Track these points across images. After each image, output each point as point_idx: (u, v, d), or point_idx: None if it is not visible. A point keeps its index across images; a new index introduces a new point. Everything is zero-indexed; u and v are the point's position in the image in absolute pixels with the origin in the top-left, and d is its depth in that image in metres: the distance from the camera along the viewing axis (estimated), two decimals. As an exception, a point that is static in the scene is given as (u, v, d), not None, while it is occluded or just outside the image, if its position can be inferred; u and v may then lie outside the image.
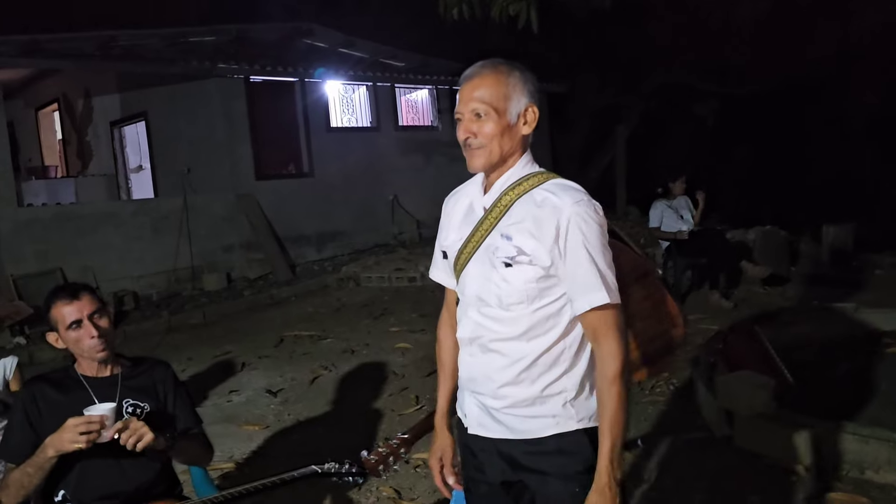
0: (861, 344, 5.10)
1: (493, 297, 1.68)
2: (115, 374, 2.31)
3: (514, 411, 1.70)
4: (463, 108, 1.70)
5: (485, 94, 1.67)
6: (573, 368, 1.70)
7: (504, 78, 1.68)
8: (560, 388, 1.69)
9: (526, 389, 1.68)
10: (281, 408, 5.03)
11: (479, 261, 1.71)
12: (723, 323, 5.78)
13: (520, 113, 1.70)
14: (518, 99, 1.69)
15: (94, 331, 2.19)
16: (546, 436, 1.69)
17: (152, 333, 7.60)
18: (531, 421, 1.69)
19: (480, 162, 1.71)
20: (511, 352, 1.68)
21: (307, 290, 9.18)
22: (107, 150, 12.05)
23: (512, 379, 1.68)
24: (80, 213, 9.06)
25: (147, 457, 2.16)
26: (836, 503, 3.17)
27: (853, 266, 7.88)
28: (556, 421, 1.69)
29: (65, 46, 8.90)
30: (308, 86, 10.92)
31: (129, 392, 2.28)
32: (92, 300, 2.24)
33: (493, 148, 1.68)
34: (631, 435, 4.09)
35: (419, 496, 3.55)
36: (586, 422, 1.71)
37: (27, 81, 12.15)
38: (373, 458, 2.19)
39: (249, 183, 10.23)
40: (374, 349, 6.26)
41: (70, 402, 2.21)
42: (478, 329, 1.72)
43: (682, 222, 7.05)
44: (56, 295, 2.24)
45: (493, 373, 1.71)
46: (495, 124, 1.67)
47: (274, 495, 3.44)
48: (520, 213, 1.66)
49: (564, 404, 1.69)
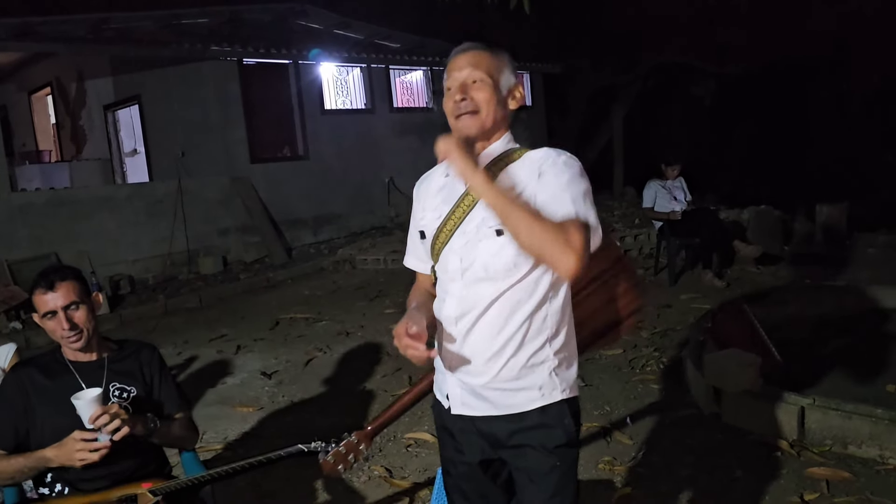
0: (852, 322, 5.13)
1: (480, 267, 1.68)
2: (102, 357, 2.32)
3: (499, 385, 1.70)
4: (456, 76, 1.71)
5: (480, 62, 1.71)
6: (557, 336, 1.72)
7: (493, 54, 1.74)
8: (544, 357, 1.70)
9: (512, 360, 1.69)
10: (275, 390, 5.06)
11: (463, 234, 1.70)
12: (715, 302, 5.82)
13: (510, 88, 1.74)
14: (508, 75, 1.74)
15: (66, 324, 2.20)
16: (530, 409, 1.71)
17: (148, 317, 7.64)
18: (517, 395, 1.70)
19: (473, 125, 1.69)
20: (497, 321, 1.68)
21: (303, 273, 9.21)
22: (101, 133, 12.02)
23: (498, 349, 1.69)
24: (75, 197, 9.05)
25: (135, 438, 2.18)
26: (819, 477, 3.21)
27: (846, 245, 7.90)
28: (542, 393, 1.71)
29: (57, 29, 8.84)
30: (302, 68, 10.87)
31: (115, 376, 2.30)
32: (69, 291, 2.22)
33: (486, 113, 1.69)
34: (620, 413, 4.14)
35: (410, 474, 3.59)
36: (568, 391, 1.74)
37: (19, 65, 12.11)
38: (330, 458, 2.18)
39: (244, 166, 10.22)
40: (369, 331, 6.29)
41: (57, 386, 2.23)
42: (463, 303, 1.71)
43: (675, 203, 7.06)
44: (37, 281, 2.24)
45: (479, 347, 1.70)
46: (491, 91, 1.69)
47: (268, 475, 3.50)
48: (503, 182, 1.66)
49: (550, 373, 1.71)
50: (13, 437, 2.25)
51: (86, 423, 2.08)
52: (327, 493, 3.48)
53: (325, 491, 3.49)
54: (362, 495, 3.43)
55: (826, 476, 3.20)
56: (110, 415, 2.06)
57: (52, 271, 2.27)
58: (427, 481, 3.49)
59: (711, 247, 7.04)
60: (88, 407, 2.06)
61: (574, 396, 1.77)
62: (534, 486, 1.73)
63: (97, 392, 2.11)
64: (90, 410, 2.06)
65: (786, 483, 3.22)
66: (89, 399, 2.07)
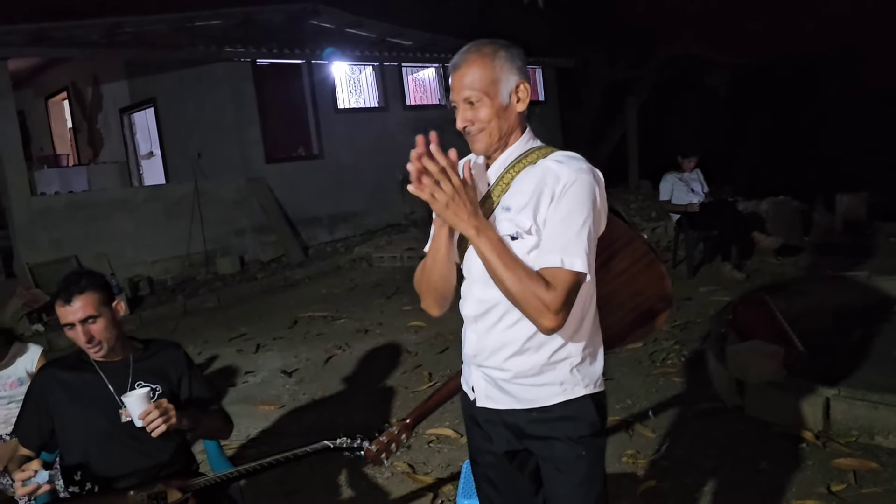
0: (874, 312, 5.08)
1: None
2: (127, 358, 2.35)
3: (521, 381, 1.72)
4: (456, 97, 1.72)
5: (474, 80, 1.68)
6: (577, 333, 1.72)
7: (489, 61, 1.68)
8: (566, 354, 1.71)
9: (532, 358, 1.70)
10: (296, 388, 5.09)
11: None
12: (735, 294, 5.77)
13: (511, 91, 1.71)
14: (507, 79, 1.70)
15: (83, 337, 2.21)
16: (553, 403, 1.72)
17: (168, 318, 7.70)
18: (538, 389, 1.72)
19: (482, 146, 1.74)
20: (516, 322, 1.69)
21: (320, 272, 9.24)
22: (117, 137, 12.11)
23: (518, 349, 1.70)
24: (93, 200, 9.14)
25: (169, 435, 2.20)
26: (846, 468, 3.18)
27: (867, 234, 7.82)
28: (563, 388, 1.72)
29: (71, 34, 8.91)
30: (315, 67, 10.89)
31: (140, 375, 2.32)
32: (87, 304, 2.21)
33: (491, 131, 1.71)
34: (642, 406, 4.13)
35: (433, 470, 3.60)
36: (592, 387, 1.75)
37: (36, 70, 12.21)
38: (374, 447, 2.23)
39: (259, 166, 10.26)
40: (388, 328, 6.30)
41: (82, 386, 2.27)
42: (482, 305, 1.74)
43: (692, 195, 7.01)
44: (58, 292, 2.24)
45: (499, 345, 1.73)
46: (489, 108, 1.69)
47: (291, 471, 3.52)
48: (521, 187, 1.68)
49: (571, 370, 1.72)
50: (38, 437, 2.30)
51: (135, 421, 2.12)
52: (351, 489, 3.49)
53: (349, 487, 3.51)
54: (386, 491, 3.44)
55: (853, 467, 3.18)
56: (161, 410, 2.11)
57: (73, 282, 2.24)
58: (450, 476, 3.50)
59: (730, 239, 6.99)
60: (139, 404, 2.12)
61: (599, 391, 1.77)
62: (561, 476, 1.75)
63: (146, 390, 2.17)
64: (141, 407, 2.11)
65: (812, 474, 3.20)
66: (139, 396, 2.13)
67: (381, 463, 2.25)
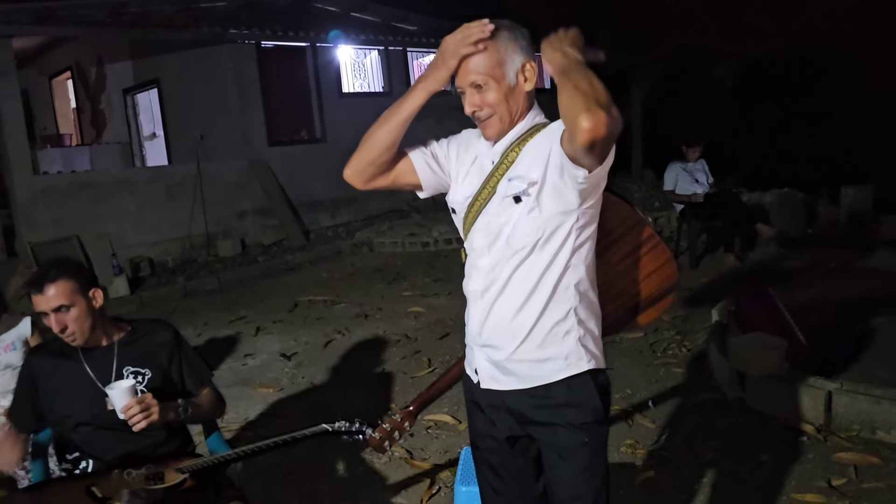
0: (878, 306, 5.04)
1: (503, 239, 1.70)
2: (112, 342, 2.32)
3: (524, 355, 1.71)
4: (462, 82, 1.71)
5: (478, 64, 1.67)
6: (581, 305, 1.72)
7: (493, 42, 1.66)
8: (569, 326, 1.71)
9: (536, 327, 1.70)
10: (295, 371, 5.08)
11: (487, 213, 1.74)
12: (738, 286, 5.74)
13: (517, 71, 1.70)
14: (512, 59, 1.68)
15: (56, 326, 2.18)
16: (556, 381, 1.70)
17: (168, 299, 7.69)
18: (542, 366, 1.71)
19: (493, 131, 1.74)
20: (521, 290, 1.69)
21: (321, 256, 9.22)
22: (120, 117, 12.07)
23: (523, 317, 1.70)
24: (96, 180, 9.11)
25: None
26: (847, 463, 3.16)
27: (872, 228, 7.78)
28: (568, 363, 1.70)
29: (77, 14, 8.85)
30: (320, 51, 10.83)
31: (127, 360, 2.29)
32: (59, 294, 2.16)
33: (501, 114, 1.71)
34: (642, 396, 4.11)
35: (430, 456, 3.59)
36: (594, 362, 1.74)
37: (40, 50, 12.15)
38: (377, 434, 2.21)
39: (262, 149, 10.21)
40: (388, 313, 6.29)
41: (64, 373, 2.26)
42: (488, 276, 1.73)
43: (696, 185, 6.97)
44: (30, 281, 2.21)
45: (504, 317, 1.72)
46: (496, 91, 1.68)
47: (288, 455, 3.51)
48: (526, 156, 1.70)
49: (577, 342, 1.71)
50: (33, 419, 2.30)
51: (119, 414, 2.09)
52: (348, 473, 3.49)
53: (346, 471, 3.50)
54: (383, 476, 3.43)
55: (854, 461, 3.16)
56: (142, 406, 2.08)
57: (46, 271, 2.20)
58: (447, 463, 3.49)
59: (733, 230, 6.96)
60: (121, 398, 2.08)
61: (601, 368, 1.76)
62: (564, 463, 1.74)
63: (130, 383, 2.13)
64: (123, 401, 2.08)
65: (812, 468, 3.18)
66: (122, 389, 2.09)
67: (383, 451, 2.24)
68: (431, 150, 1.89)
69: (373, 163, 1.83)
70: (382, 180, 1.86)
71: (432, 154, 1.88)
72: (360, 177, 1.86)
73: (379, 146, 1.80)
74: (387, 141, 1.80)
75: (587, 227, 1.70)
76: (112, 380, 2.22)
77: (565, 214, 1.66)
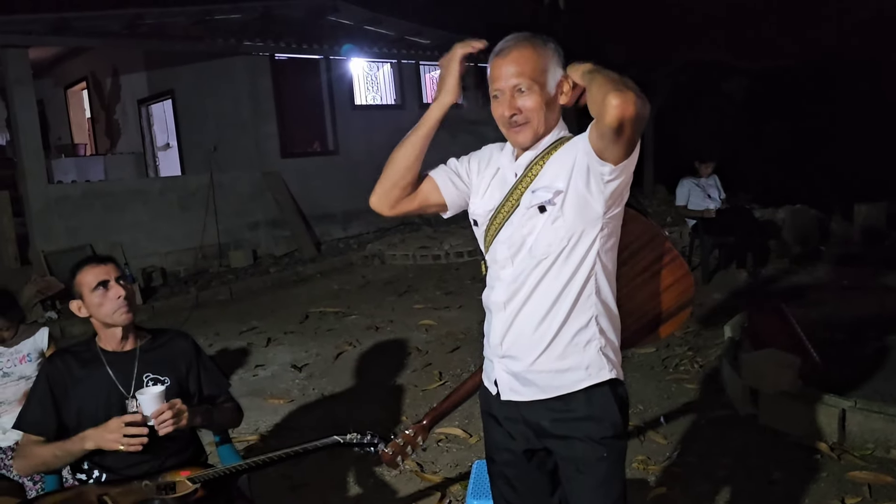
0: (891, 324, 5.00)
1: (525, 249, 1.70)
2: (134, 348, 2.33)
3: (545, 366, 1.70)
4: (502, 85, 1.69)
5: (525, 67, 1.67)
6: (601, 313, 1.72)
7: (540, 49, 1.68)
8: (591, 335, 1.70)
9: (558, 336, 1.69)
10: (306, 382, 5.08)
11: (510, 225, 1.74)
12: (750, 302, 5.71)
13: (557, 83, 1.71)
14: (554, 70, 1.70)
15: (122, 290, 2.25)
16: (577, 390, 1.70)
17: (180, 309, 7.72)
18: (563, 376, 1.70)
19: (526, 137, 1.72)
20: (544, 300, 1.69)
21: (332, 268, 9.24)
22: (134, 128, 12.17)
23: (546, 327, 1.70)
24: (109, 190, 9.18)
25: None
26: (861, 481, 3.13)
27: (886, 245, 7.72)
28: (589, 373, 1.70)
29: (92, 24, 8.96)
30: (333, 63, 10.90)
31: (147, 366, 2.31)
32: (116, 268, 2.32)
33: (538, 122, 1.70)
34: (654, 412, 4.09)
35: (441, 469, 3.58)
36: (615, 371, 1.73)
37: (56, 60, 12.29)
38: (389, 450, 2.21)
39: (275, 161, 10.27)
40: (398, 326, 6.29)
41: (88, 377, 2.26)
42: (511, 286, 1.73)
43: (709, 201, 6.95)
44: (84, 261, 2.33)
45: (526, 327, 1.72)
46: (538, 97, 1.68)
47: (298, 466, 3.52)
48: (548, 169, 1.71)
49: (598, 351, 1.71)
50: (54, 424, 2.27)
51: (149, 420, 2.10)
52: (359, 485, 3.48)
53: (356, 483, 3.49)
54: (393, 489, 3.42)
55: (868, 480, 3.13)
56: (174, 411, 2.10)
57: (95, 255, 2.40)
58: (458, 476, 3.48)
59: (746, 246, 6.93)
60: (152, 403, 2.09)
61: (621, 380, 1.75)
62: (581, 477, 1.73)
63: (160, 389, 2.15)
64: (154, 406, 2.09)
65: (826, 486, 3.15)
66: (153, 395, 2.11)
67: (396, 465, 2.23)
68: (453, 167, 1.90)
69: (397, 184, 1.84)
70: (408, 203, 1.86)
71: (454, 170, 1.89)
72: (385, 201, 1.86)
73: (402, 165, 1.82)
74: (409, 159, 1.81)
75: (611, 237, 1.70)
76: (132, 386, 2.24)
77: (590, 223, 1.66)
